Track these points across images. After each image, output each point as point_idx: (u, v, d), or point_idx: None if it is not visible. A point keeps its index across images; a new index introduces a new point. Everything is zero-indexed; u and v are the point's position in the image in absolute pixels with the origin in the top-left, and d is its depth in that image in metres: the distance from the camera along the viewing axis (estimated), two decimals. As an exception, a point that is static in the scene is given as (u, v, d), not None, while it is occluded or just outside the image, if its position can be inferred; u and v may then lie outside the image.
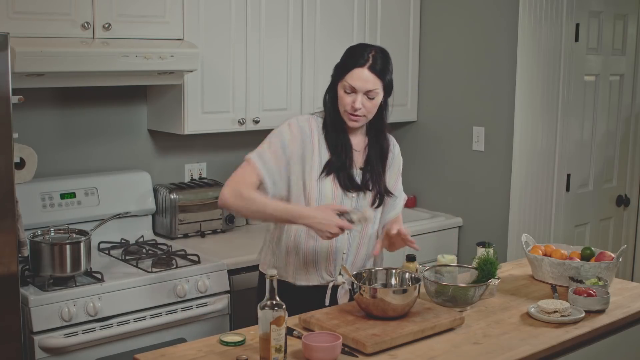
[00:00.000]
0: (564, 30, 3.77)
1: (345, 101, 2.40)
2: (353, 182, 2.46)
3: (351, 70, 2.38)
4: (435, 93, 4.10)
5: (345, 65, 2.41)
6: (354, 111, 2.39)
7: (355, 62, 2.39)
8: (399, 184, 2.63)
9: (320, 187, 2.43)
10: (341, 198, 2.44)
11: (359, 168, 2.50)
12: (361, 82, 2.37)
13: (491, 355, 2.09)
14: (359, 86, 2.37)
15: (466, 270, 2.57)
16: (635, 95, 4.38)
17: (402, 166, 2.65)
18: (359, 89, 2.37)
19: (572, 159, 3.99)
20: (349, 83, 2.38)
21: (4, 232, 2.41)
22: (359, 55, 2.40)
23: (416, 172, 4.20)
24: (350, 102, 2.39)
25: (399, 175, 2.64)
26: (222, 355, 2.05)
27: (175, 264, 2.98)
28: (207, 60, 3.28)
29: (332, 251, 2.48)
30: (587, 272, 2.64)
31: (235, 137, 3.72)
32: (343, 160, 2.44)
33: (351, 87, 2.38)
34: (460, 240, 4.04)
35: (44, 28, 2.81)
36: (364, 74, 2.37)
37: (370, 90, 2.38)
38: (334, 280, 2.51)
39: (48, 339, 2.61)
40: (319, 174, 2.43)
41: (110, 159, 3.45)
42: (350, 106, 2.39)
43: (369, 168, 2.50)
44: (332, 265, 2.50)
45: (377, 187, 2.51)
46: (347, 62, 2.41)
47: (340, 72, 2.42)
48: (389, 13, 3.95)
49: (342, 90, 2.40)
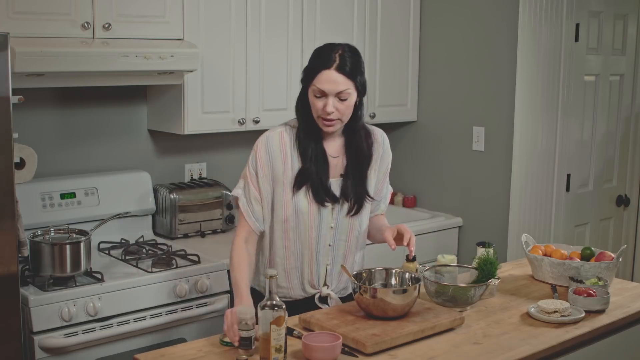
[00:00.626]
0: (564, 30, 3.77)
1: (316, 106, 2.31)
2: (329, 193, 2.39)
3: (318, 73, 2.29)
4: (435, 93, 4.10)
5: (312, 68, 2.32)
6: (327, 115, 2.30)
7: (321, 64, 2.29)
8: (385, 185, 2.57)
9: (295, 203, 2.38)
10: (317, 211, 2.39)
11: (339, 175, 2.43)
12: (330, 84, 2.28)
13: (491, 355, 2.09)
14: (329, 89, 2.28)
15: (466, 270, 2.57)
16: (635, 95, 4.38)
17: (390, 162, 2.56)
18: (329, 92, 2.28)
19: (572, 159, 3.99)
20: (318, 87, 2.29)
21: (4, 232, 2.41)
22: (325, 56, 2.30)
23: (416, 172, 4.20)
24: (321, 107, 2.30)
25: (387, 171, 2.56)
26: (222, 355, 2.05)
27: (175, 264, 2.98)
28: (207, 60, 3.28)
29: (313, 263, 2.44)
30: (587, 272, 2.64)
31: (235, 137, 3.73)
32: (317, 170, 2.36)
33: (320, 91, 2.29)
34: (460, 240, 4.04)
35: (44, 28, 2.81)
36: (331, 75, 2.27)
37: (341, 91, 2.28)
38: (319, 292, 2.48)
39: (48, 339, 2.61)
40: (291, 189, 2.37)
41: (110, 159, 3.45)
42: (322, 110, 2.30)
43: (349, 175, 2.42)
44: (315, 278, 2.46)
45: (356, 195, 2.43)
46: (313, 65, 2.32)
47: (308, 76, 2.33)
48: (389, 13, 3.95)
49: (313, 95, 2.31)
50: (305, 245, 2.42)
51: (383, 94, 4.00)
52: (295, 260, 2.43)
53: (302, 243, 2.42)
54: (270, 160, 2.38)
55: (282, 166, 2.38)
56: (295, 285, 2.46)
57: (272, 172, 2.38)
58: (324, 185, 2.38)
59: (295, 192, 2.37)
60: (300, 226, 2.40)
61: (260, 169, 2.38)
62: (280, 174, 2.38)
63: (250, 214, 2.40)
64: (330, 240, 2.45)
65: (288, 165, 2.38)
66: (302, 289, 2.46)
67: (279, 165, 2.38)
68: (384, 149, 2.53)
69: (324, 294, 2.47)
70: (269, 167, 2.38)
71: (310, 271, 2.44)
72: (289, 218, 2.39)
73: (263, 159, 2.38)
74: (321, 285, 2.47)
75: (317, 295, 2.48)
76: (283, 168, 2.38)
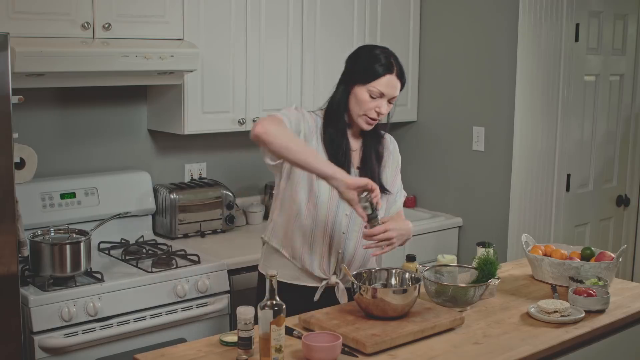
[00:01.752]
0: (564, 30, 3.77)
1: (368, 106, 2.40)
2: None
3: (382, 76, 2.38)
4: (435, 93, 4.10)
5: (374, 70, 2.39)
6: (377, 116, 2.41)
7: (385, 68, 2.39)
8: (397, 181, 2.63)
9: (318, 184, 2.41)
10: (337, 199, 2.42)
11: (356, 168, 2.50)
12: (391, 89, 2.39)
13: (491, 355, 2.09)
14: (388, 92, 2.39)
15: (466, 270, 2.57)
16: (635, 95, 4.38)
17: (400, 163, 2.65)
18: (387, 95, 2.40)
19: (572, 159, 3.99)
20: (379, 89, 2.38)
21: (4, 232, 2.41)
22: (385, 61, 2.40)
23: (416, 172, 4.20)
24: (374, 107, 2.40)
25: (398, 171, 2.63)
26: (222, 355, 2.05)
27: (175, 264, 2.98)
28: (207, 60, 3.28)
29: (325, 249, 2.47)
30: (587, 272, 2.64)
31: (235, 137, 3.72)
32: (341, 161, 2.42)
33: (380, 93, 2.39)
34: (460, 240, 4.04)
35: (44, 28, 2.81)
36: (393, 81, 2.40)
37: (395, 96, 2.42)
38: (328, 280, 2.50)
39: (48, 339, 2.61)
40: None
41: (110, 159, 3.45)
42: (374, 111, 2.40)
43: (366, 167, 2.49)
44: (326, 264, 2.49)
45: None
46: (374, 67, 2.39)
47: (367, 76, 2.39)
48: (389, 13, 3.95)
49: (367, 95, 2.39)
50: (320, 229, 2.46)
51: (383, 94, 3.99)
52: (313, 241, 2.46)
53: (318, 227, 2.45)
54: (308, 126, 2.43)
55: (311, 138, 2.43)
56: (313, 261, 2.48)
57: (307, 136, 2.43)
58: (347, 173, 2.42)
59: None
60: (319, 208, 2.44)
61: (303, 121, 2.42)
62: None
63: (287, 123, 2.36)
64: (344, 228, 2.48)
65: (313, 144, 2.43)
66: (319, 268, 2.48)
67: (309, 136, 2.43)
68: (393, 149, 2.62)
69: (332, 282, 2.50)
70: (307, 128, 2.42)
71: (322, 257, 2.48)
72: (310, 197, 2.43)
73: (305, 115, 2.44)
74: (331, 274, 2.50)
75: (323, 283, 2.49)
76: (310, 140, 2.43)
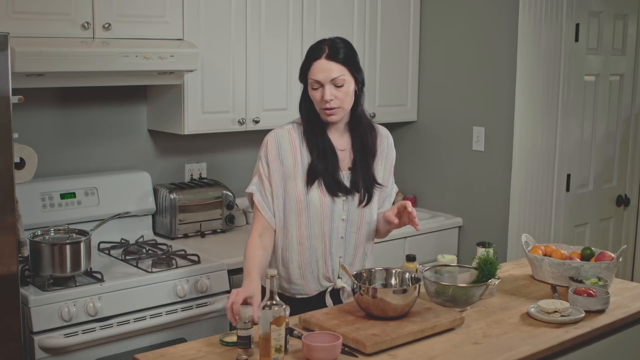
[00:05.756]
0: (564, 30, 3.77)
1: (316, 98, 2.39)
2: (340, 185, 2.44)
3: (311, 65, 2.37)
4: (435, 93, 4.10)
5: (305, 62, 2.42)
6: (326, 104, 2.36)
7: (312, 56, 2.38)
8: (391, 177, 2.61)
9: (307, 197, 2.41)
10: (329, 204, 2.43)
11: (347, 169, 2.48)
12: (323, 72, 2.35)
13: (491, 355, 2.09)
14: (322, 77, 2.35)
15: (466, 270, 2.57)
16: (635, 95, 4.38)
17: (394, 158, 2.62)
18: (324, 81, 2.35)
19: (572, 159, 3.99)
20: (313, 78, 2.37)
21: (4, 232, 2.41)
22: (316, 48, 2.40)
23: (416, 172, 4.20)
24: (320, 97, 2.37)
25: (392, 167, 2.62)
26: (222, 355, 2.05)
27: (175, 264, 2.98)
28: (207, 60, 3.28)
29: (327, 256, 2.48)
30: (587, 272, 2.64)
31: (235, 137, 3.72)
32: (327, 163, 2.41)
33: (316, 82, 2.37)
34: (460, 240, 4.04)
35: (44, 28, 2.81)
36: (323, 64, 2.35)
37: (335, 77, 2.35)
38: (333, 284, 2.51)
39: (48, 339, 2.61)
40: (304, 183, 2.41)
41: (110, 159, 3.45)
42: (321, 100, 2.37)
43: (357, 167, 2.48)
44: (330, 271, 2.49)
45: (366, 185, 2.48)
46: (306, 60, 2.42)
47: (303, 71, 2.42)
48: (389, 13, 3.95)
49: (311, 89, 2.40)
50: (318, 238, 2.45)
51: (383, 94, 4.00)
52: (310, 255, 2.46)
53: (315, 237, 2.45)
54: (280, 155, 2.43)
55: (292, 160, 2.42)
56: (310, 281, 2.49)
57: (283, 167, 2.43)
58: (336, 178, 2.43)
59: (307, 186, 2.41)
60: (313, 219, 2.43)
61: (272, 164, 2.43)
62: (291, 169, 2.42)
63: (266, 208, 2.44)
64: (342, 233, 2.48)
65: (298, 160, 2.42)
66: (317, 283, 2.50)
67: (290, 160, 2.42)
68: (388, 145, 2.59)
69: (338, 285, 2.51)
70: (279, 161, 2.43)
71: (324, 264, 2.48)
72: (302, 212, 2.42)
73: (273, 154, 2.43)
74: (336, 278, 2.51)
75: (329, 288, 2.50)
76: (294, 162, 2.42)
